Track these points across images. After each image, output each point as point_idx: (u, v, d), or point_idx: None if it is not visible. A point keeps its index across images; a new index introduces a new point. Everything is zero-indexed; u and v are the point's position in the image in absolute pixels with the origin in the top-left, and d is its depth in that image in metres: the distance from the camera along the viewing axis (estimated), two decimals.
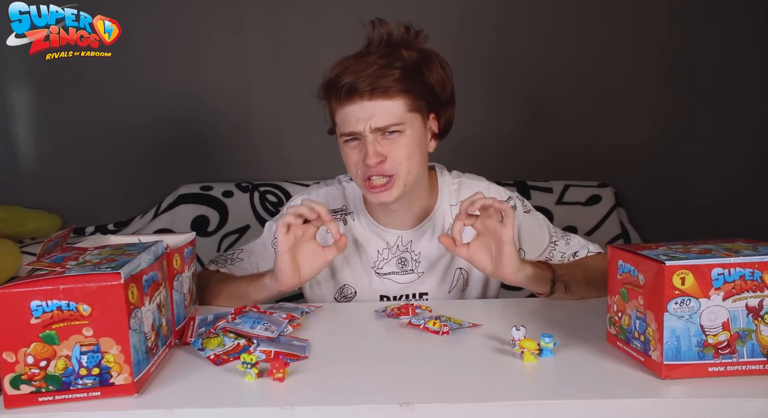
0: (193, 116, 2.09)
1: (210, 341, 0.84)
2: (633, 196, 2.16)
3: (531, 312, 1.00)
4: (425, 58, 1.05)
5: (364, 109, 1.00)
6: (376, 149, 1.00)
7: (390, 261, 1.15)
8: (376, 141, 1.01)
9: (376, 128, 1.00)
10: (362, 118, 1.00)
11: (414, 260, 1.15)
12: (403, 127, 1.01)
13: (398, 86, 1.00)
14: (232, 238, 1.95)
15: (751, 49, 2.12)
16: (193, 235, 1.00)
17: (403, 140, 1.02)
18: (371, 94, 0.99)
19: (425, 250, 1.14)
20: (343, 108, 1.02)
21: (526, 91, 2.14)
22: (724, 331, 0.71)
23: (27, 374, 0.67)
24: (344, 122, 1.02)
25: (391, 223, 1.14)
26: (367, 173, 1.02)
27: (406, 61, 1.01)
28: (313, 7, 2.06)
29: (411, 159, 1.03)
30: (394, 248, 1.14)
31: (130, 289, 0.69)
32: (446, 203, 1.16)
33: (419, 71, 1.04)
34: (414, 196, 1.10)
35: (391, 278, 1.15)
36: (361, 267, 1.15)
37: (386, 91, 0.99)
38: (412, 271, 1.15)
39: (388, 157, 1.01)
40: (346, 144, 1.04)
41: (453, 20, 2.04)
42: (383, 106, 1.00)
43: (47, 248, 0.83)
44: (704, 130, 2.16)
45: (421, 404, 0.67)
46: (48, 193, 2.09)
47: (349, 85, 0.99)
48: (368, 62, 0.99)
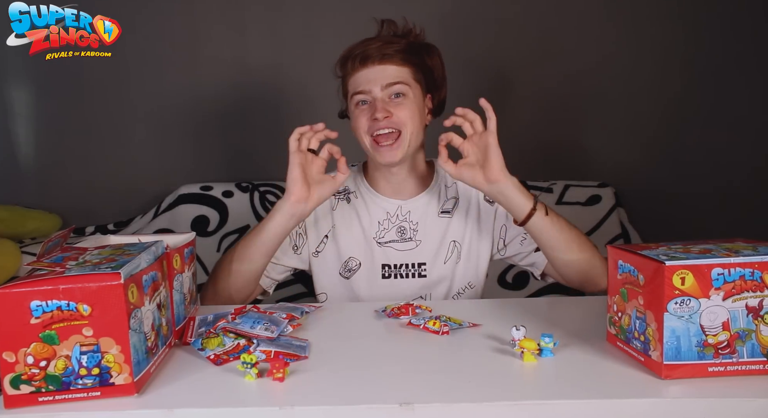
0: (193, 116, 2.09)
1: (210, 341, 0.84)
2: (633, 196, 2.16)
3: (531, 312, 1.01)
4: (426, 46, 1.21)
5: (375, 71, 1.14)
6: (383, 106, 1.13)
7: (390, 230, 1.24)
8: (384, 100, 1.14)
9: (386, 84, 1.14)
10: (373, 78, 1.14)
11: (412, 229, 1.24)
12: (407, 89, 1.15)
13: (403, 55, 1.15)
14: (232, 238, 1.95)
15: (751, 49, 2.12)
16: (193, 235, 1.00)
17: (408, 102, 1.15)
18: (381, 60, 1.14)
19: (422, 220, 1.24)
20: (357, 73, 1.16)
21: (526, 91, 2.14)
22: (724, 331, 0.71)
23: (27, 374, 0.67)
24: (357, 84, 1.16)
25: (392, 191, 1.25)
26: (375, 127, 1.13)
27: (411, 42, 1.18)
28: (314, 7, 2.06)
29: (413, 120, 1.15)
30: (394, 217, 1.24)
31: (130, 289, 0.69)
32: (442, 183, 1.27)
33: (420, 53, 1.19)
34: (413, 164, 1.23)
35: (392, 246, 1.24)
36: (364, 239, 1.24)
37: (393, 57, 1.14)
38: (410, 239, 1.24)
39: (394, 115, 1.13)
40: (357, 107, 1.17)
41: (454, 19, 2.04)
42: (392, 68, 1.15)
43: (47, 248, 0.83)
44: (704, 130, 2.16)
45: (421, 404, 0.67)
46: (48, 193, 2.08)
47: (362, 54, 1.14)
48: (378, 38, 1.17)
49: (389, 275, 1.23)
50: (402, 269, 1.23)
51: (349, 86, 1.19)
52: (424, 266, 1.23)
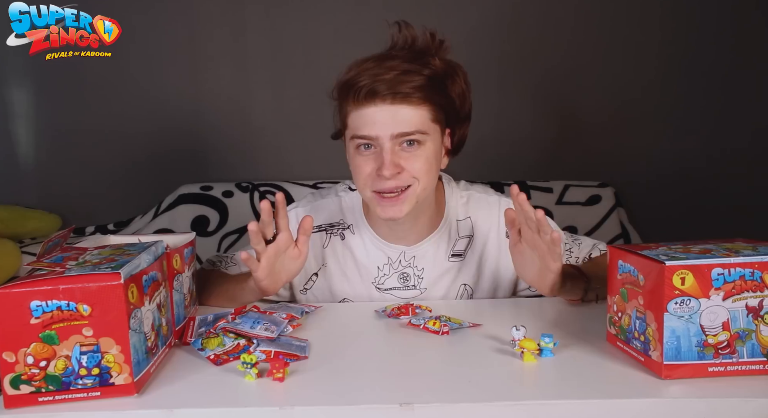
0: (193, 116, 2.09)
1: (210, 341, 0.84)
2: (633, 196, 2.16)
3: (531, 312, 1.00)
4: (450, 70, 1.00)
5: (384, 112, 0.93)
6: (393, 159, 0.94)
7: (391, 276, 1.11)
8: (394, 151, 0.95)
9: (399, 134, 0.94)
10: (381, 121, 0.93)
11: (416, 275, 1.10)
12: (425, 137, 0.96)
13: (421, 94, 0.94)
14: (232, 238, 1.95)
15: (751, 49, 2.12)
16: (193, 235, 1.00)
17: (423, 153, 0.96)
18: (393, 98, 0.93)
19: (429, 266, 1.10)
20: (361, 110, 0.95)
21: (526, 91, 2.14)
22: (724, 331, 0.71)
23: (27, 374, 0.67)
24: (360, 125, 0.95)
25: (394, 237, 1.09)
26: (380, 186, 0.96)
27: (433, 70, 0.96)
28: (314, 8, 2.06)
29: (428, 174, 0.97)
30: (396, 263, 1.10)
31: (130, 289, 0.69)
32: (453, 218, 1.11)
33: (443, 83, 0.98)
34: (420, 211, 1.05)
35: (393, 293, 1.11)
36: (361, 283, 1.12)
37: (408, 97, 0.93)
38: (414, 287, 1.11)
39: (405, 170, 0.95)
40: (358, 151, 0.98)
41: (457, 19, 2.04)
42: (406, 112, 0.94)
43: (47, 248, 0.84)
44: (704, 130, 2.16)
45: (421, 404, 0.67)
46: (48, 193, 2.09)
47: (369, 87, 0.92)
48: (391, 66, 0.93)
49: None
50: None
51: (348, 121, 0.98)
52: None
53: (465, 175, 1.41)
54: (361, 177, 0.99)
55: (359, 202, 1.12)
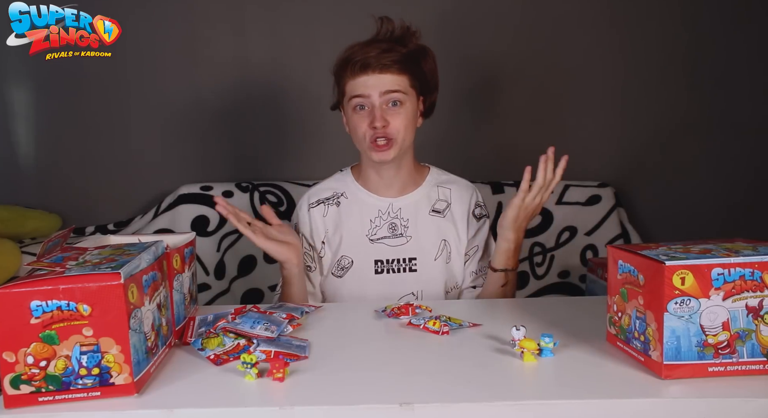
0: (193, 116, 2.09)
1: (210, 341, 0.84)
2: (633, 196, 2.16)
3: (531, 312, 1.01)
4: (422, 50, 1.27)
5: (374, 79, 1.20)
6: (382, 115, 1.20)
7: (382, 227, 1.30)
8: (382, 109, 1.20)
9: (386, 91, 1.20)
10: (372, 85, 1.20)
11: (403, 225, 1.30)
12: (404, 98, 1.22)
13: (400, 65, 1.21)
14: (232, 238, 1.95)
15: (751, 49, 2.12)
16: (193, 235, 1.00)
17: (403, 111, 1.22)
18: (381, 69, 1.19)
19: (412, 217, 1.31)
20: (356, 78, 1.21)
21: (525, 91, 2.13)
22: (724, 331, 0.71)
23: (27, 374, 0.67)
24: (356, 89, 1.21)
25: (383, 186, 1.31)
26: (373, 136, 1.21)
27: (408, 49, 1.24)
28: (313, 8, 2.06)
29: (407, 129, 1.23)
30: (386, 214, 1.30)
31: (130, 289, 0.69)
32: (433, 183, 1.34)
33: (417, 59, 1.25)
34: (402, 163, 1.29)
35: (384, 241, 1.29)
36: (356, 237, 1.30)
37: (391, 66, 1.20)
38: (401, 235, 1.30)
39: (390, 124, 1.21)
40: (355, 112, 1.23)
41: (452, 18, 2.04)
42: (390, 77, 1.20)
43: (47, 248, 0.84)
44: (704, 130, 2.16)
45: (421, 404, 0.67)
46: (48, 193, 2.08)
47: (362, 62, 1.19)
48: (377, 46, 1.21)
49: (381, 271, 1.28)
50: (394, 263, 1.28)
51: (347, 88, 1.24)
52: (415, 261, 1.28)
53: (465, 175, 1.42)
54: (359, 131, 1.23)
55: (349, 174, 1.36)
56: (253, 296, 1.95)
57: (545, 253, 2.04)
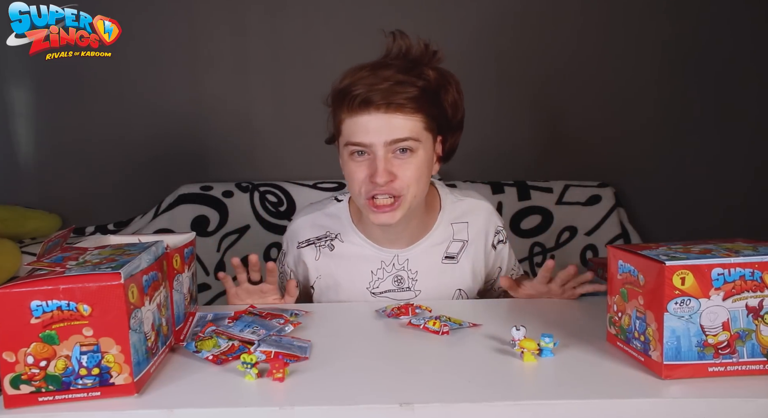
0: (194, 116, 2.09)
1: (204, 342, 0.84)
2: (633, 196, 2.16)
3: (531, 312, 1.00)
4: (444, 80, 1.01)
5: (378, 120, 0.95)
6: (386, 167, 0.96)
7: (385, 280, 1.11)
8: (387, 158, 0.96)
9: (392, 140, 0.95)
10: (374, 129, 0.95)
11: (411, 278, 1.11)
12: (417, 145, 0.97)
13: (414, 104, 0.96)
14: (232, 238, 1.95)
15: (751, 48, 2.12)
16: (193, 235, 1.00)
17: (415, 160, 0.98)
18: (387, 108, 0.94)
19: (423, 268, 1.11)
20: (355, 118, 0.96)
21: (526, 91, 2.14)
22: (724, 331, 0.71)
23: (27, 374, 0.67)
24: (355, 132, 0.97)
25: (387, 241, 1.10)
26: (373, 192, 0.98)
27: (426, 81, 0.97)
28: (314, 9, 2.06)
29: (420, 181, 0.99)
30: (390, 266, 1.11)
31: (130, 289, 0.69)
32: (447, 221, 1.13)
33: (436, 93, 1.00)
34: (412, 216, 1.06)
35: (388, 295, 1.12)
36: (355, 289, 1.12)
37: (402, 107, 0.95)
38: (408, 289, 1.11)
39: (397, 177, 0.97)
40: (352, 158, 0.99)
41: (456, 20, 2.04)
42: (399, 121, 0.95)
43: (47, 248, 0.83)
44: (704, 129, 2.16)
45: (421, 404, 0.67)
46: (48, 193, 2.08)
47: (364, 96, 0.94)
48: (385, 76, 0.94)
49: None
50: None
51: (342, 128, 0.99)
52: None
53: (465, 175, 1.41)
54: (355, 184, 1.00)
55: (346, 211, 1.13)
56: None
57: (545, 253, 2.04)
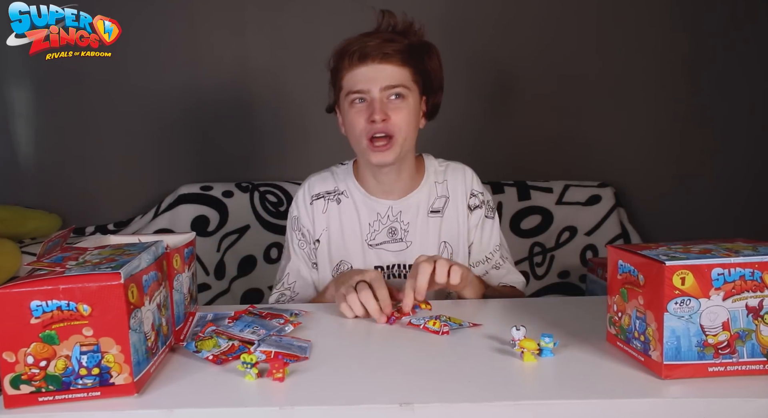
0: (193, 116, 2.09)
1: (204, 342, 0.84)
2: (633, 196, 2.17)
3: (531, 312, 1.00)
4: (426, 47, 1.18)
5: (374, 70, 1.12)
6: (382, 108, 1.11)
7: (381, 232, 1.24)
8: (383, 102, 1.12)
9: (387, 86, 1.11)
10: (372, 77, 1.11)
11: (403, 229, 1.24)
12: (407, 92, 1.14)
13: (403, 55, 1.12)
14: (232, 238, 1.95)
15: (752, 48, 2.12)
16: (193, 235, 1.00)
17: (405, 106, 1.14)
18: (381, 59, 1.11)
19: (413, 220, 1.24)
20: (354, 70, 1.13)
21: (526, 90, 2.14)
22: (724, 331, 0.71)
23: (27, 374, 0.67)
24: (354, 82, 1.13)
25: (382, 191, 1.24)
26: (371, 132, 1.12)
27: (412, 41, 1.15)
28: (314, 7, 2.06)
29: (409, 125, 1.14)
30: (385, 218, 1.24)
31: (130, 289, 0.69)
32: (432, 180, 1.27)
33: (420, 54, 1.17)
34: (403, 166, 1.21)
35: (383, 247, 1.24)
36: (354, 242, 1.24)
37: (392, 57, 1.11)
38: (401, 239, 1.24)
39: (391, 118, 1.12)
40: (353, 106, 1.14)
41: (454, 18, 2.04)
42: (392, 69, 1.12)
43: (47, 248, 0.83)
44: (704, 129, 2.16)
45: (421, 404, 0.67)
46: (48, 193, 2.08)
47: (361, 51, 1.11)
48: (377, 36, 1.13)
49: None
50: (395, 269, 1.24)
51: (344, 82, 1.16)
52: None
53: None
54: (356, 129, 1.14)
55: (350, 170, 1.28)
56: (253, 296, 1.96)
57: (545, 253, 2.04)
